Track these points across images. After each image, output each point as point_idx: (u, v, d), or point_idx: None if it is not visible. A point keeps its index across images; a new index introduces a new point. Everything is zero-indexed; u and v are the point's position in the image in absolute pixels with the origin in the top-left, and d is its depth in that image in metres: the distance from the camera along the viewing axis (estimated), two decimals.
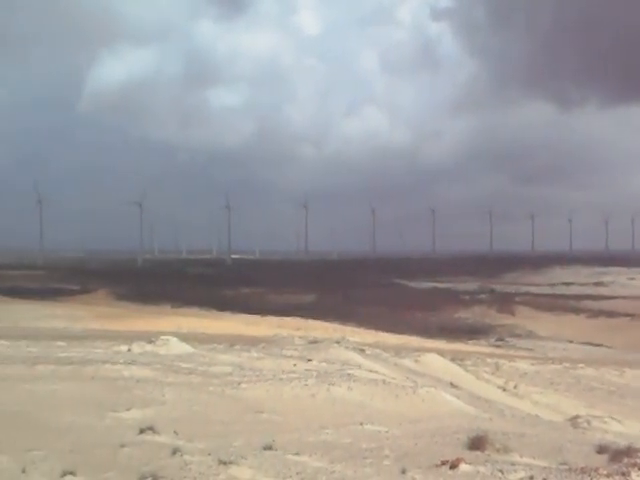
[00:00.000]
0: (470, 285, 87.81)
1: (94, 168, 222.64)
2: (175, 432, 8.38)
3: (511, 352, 36.88)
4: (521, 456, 8.13)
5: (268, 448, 7.93)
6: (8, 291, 70.07)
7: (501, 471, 7.31)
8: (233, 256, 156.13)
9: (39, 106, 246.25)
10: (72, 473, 6.57)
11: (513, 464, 7.66)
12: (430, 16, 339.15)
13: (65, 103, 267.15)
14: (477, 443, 8.52)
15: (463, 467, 7.41)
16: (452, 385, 16.16)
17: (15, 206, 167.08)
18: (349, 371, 13.62)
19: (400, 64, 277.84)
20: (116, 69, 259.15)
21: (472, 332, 51.82)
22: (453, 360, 21.61)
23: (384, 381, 13.08)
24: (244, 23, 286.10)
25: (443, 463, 7.54)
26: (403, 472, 7.30)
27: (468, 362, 22.96)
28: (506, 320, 57.32)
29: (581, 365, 26.03)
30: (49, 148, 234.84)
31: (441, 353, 22.83)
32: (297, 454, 7.79)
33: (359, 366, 15.43)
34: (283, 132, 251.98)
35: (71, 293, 75.20)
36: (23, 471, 6.60)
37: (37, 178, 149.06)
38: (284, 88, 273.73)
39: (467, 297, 72.16)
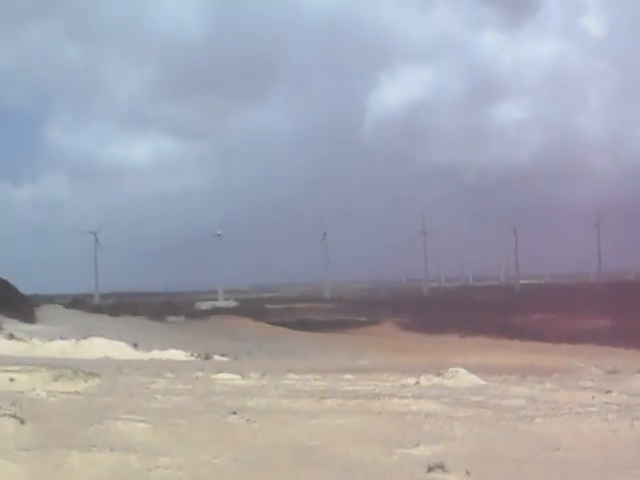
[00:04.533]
0: None
1: (377, 195, 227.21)
2: (467, 472, 8.07)
3: None
4: None
5: None
6: (296, 324, 74.64)
7: None
8: (521, 281, 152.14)
9: (321, 135, 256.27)
10: None
11: None
12: None
13: (347, 130, 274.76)
14: None
15: None
16: None
17: (302, 239, 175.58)
18: None
19: None
20: (397, 91, 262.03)
21: None
22: None
23: None
24: (527, 30, 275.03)
25: None
26: None
27: None
28: None
29: None
30: (333, 177, 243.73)
31: None
32: None
33: None
34: (575, 144, 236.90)
35: (359, 325, 77.93)
36: None
37: (321, 209, 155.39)
38: (574, 97, 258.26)
39: None
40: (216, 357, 30.74)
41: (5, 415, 9.16)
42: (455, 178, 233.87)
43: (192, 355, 31.21)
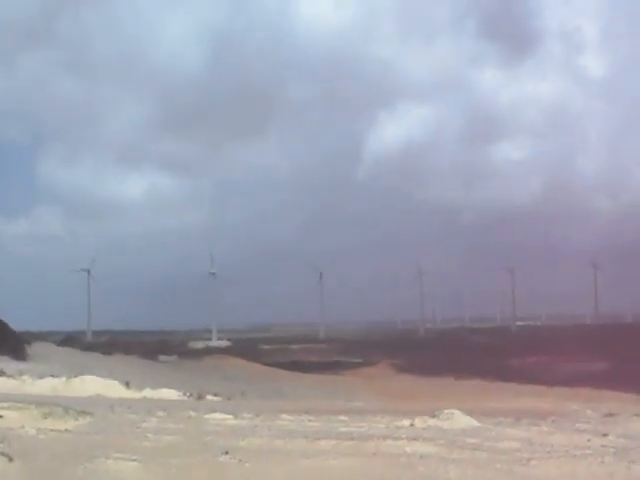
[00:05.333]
0: None
1: (375, 236, 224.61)
2: None
3: None
4: None
5: None
6: (291, 365, 74.14)
7: None
8: (518, 323, 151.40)
9: (318, 172, 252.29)
10: None
11: None
12: None
13: (344, 168, 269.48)
14: None
15: None
16: None
17: (298, 278, 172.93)
18: None
19: None
20: (395, 128, 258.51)
21: None
22: None
23: None
24: (526, 69, 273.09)
25: None
26: None
27: None
28: None
29: None
30: (330, 216, 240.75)
31: None
32: None
33: None
34: (574, 185, 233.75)
35: (353, 366, 77.45)
36: None
37: (317, 249, 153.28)
38: (573, 137, 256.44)
39: None
40: (209, 397, 30.48)
41: None
42: (452, 218, 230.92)
43: (184, 394, 30.93)
